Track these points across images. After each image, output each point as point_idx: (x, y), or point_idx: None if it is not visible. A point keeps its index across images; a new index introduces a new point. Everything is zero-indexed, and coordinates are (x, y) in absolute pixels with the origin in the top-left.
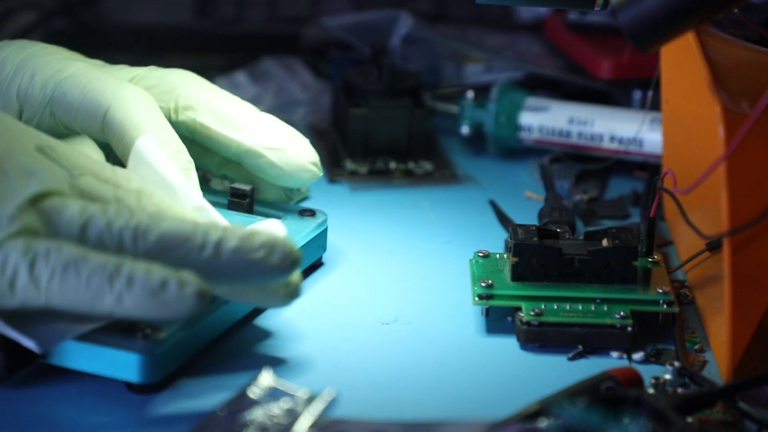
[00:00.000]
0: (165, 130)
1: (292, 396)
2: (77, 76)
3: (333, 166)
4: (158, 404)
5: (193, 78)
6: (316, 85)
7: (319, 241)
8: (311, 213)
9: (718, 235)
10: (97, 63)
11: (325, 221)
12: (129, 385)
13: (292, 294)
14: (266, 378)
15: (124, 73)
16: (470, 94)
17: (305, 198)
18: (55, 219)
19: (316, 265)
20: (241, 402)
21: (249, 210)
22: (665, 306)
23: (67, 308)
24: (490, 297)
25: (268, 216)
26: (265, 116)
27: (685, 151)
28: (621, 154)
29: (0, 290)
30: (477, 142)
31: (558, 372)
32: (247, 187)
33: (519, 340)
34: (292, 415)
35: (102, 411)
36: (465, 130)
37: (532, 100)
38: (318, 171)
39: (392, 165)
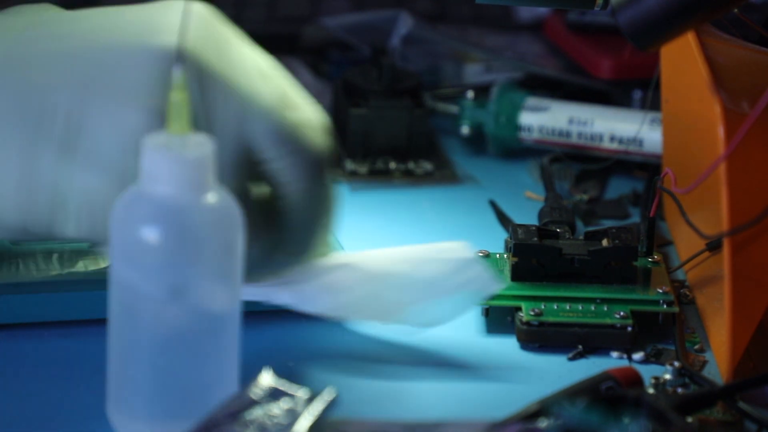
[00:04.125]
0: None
1: (292, 396)
2: None
3: (333, 166)
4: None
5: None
6: (316, 85)
7: None
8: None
9: (718, 235)
10: None
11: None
12: None
13: None
14: (266, 378)
15: None
16: (470, 94)
17: None
18: None
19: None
20: (241, 402)
21: None
22: (665, 306)
23: None
24: (490, 297)
25: None
26: None
27: (685, 151)
28: (621, 154)
29: None
30: (477, 142)
31: (558, 372)
32: None
33: (519, 340)
34: (292, 415)
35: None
36: (465, 130)
37: (532, 100)
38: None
39: (392, 165)
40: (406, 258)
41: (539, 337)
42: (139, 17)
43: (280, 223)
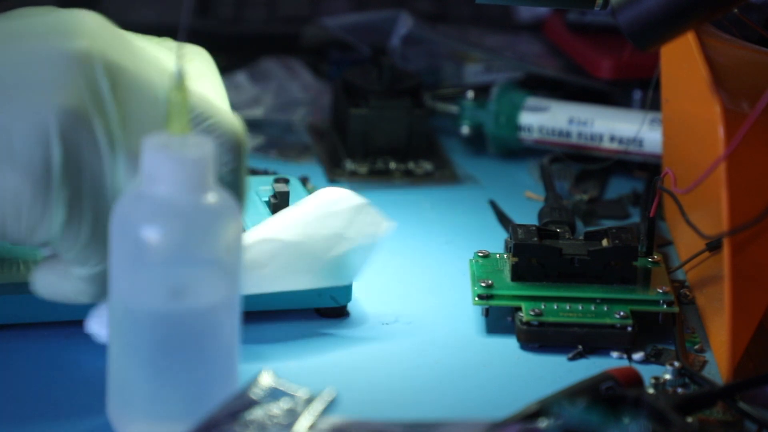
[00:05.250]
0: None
1: (292, 396)
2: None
3: (333, 166)
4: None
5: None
6: (316, 85)
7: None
8: None
9: (718, 235)
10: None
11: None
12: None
13: None
14: (266, 378)
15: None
16: (470, 94)
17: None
18: None
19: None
20: (241, 402)
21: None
22: (665, 306)
23: None
24: (490, 297)
25: None
26: None
27: (685, 151)
28: (621, 154)
29: None
30: (477, 142)
31: (558, 372)
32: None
33: (519, 340)
34: (292, 415)
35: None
36: (465, 130)
37: (532, 100)
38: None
39: (392, 165)
40: (306, 219)
41: (539, 337)
42: (43, 23)
43: None
